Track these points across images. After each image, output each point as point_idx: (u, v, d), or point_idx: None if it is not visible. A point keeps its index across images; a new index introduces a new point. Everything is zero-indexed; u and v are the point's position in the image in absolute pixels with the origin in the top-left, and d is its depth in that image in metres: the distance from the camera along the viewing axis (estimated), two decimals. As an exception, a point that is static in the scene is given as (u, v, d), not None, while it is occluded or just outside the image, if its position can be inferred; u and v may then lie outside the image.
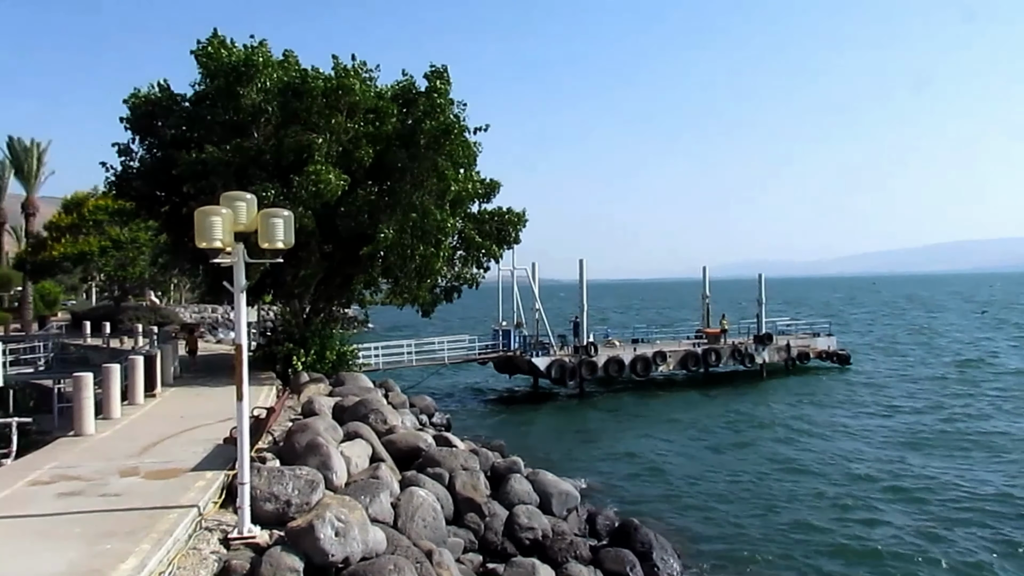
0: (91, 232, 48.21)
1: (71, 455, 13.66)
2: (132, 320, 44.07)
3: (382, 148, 25.30)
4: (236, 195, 9.85)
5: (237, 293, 9.91)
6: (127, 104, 26.42)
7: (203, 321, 63.19)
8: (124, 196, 30.11)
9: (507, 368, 40.91)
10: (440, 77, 25.92)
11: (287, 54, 25.94)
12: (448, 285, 30.49)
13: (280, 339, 27.56)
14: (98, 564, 8.04)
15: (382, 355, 36.65)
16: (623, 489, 21.94)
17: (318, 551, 9.60)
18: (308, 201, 22.69)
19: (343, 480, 12.89)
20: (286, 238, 9.81)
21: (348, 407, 18.26)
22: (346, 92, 24.31)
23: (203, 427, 16.24)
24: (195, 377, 26.05)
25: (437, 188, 25.81)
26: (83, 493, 11.02)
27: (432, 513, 12.91)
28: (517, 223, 30.31)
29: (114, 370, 17.80)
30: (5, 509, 10.22)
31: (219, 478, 11.65)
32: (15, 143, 63.35)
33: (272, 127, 24.42)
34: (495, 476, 16.87)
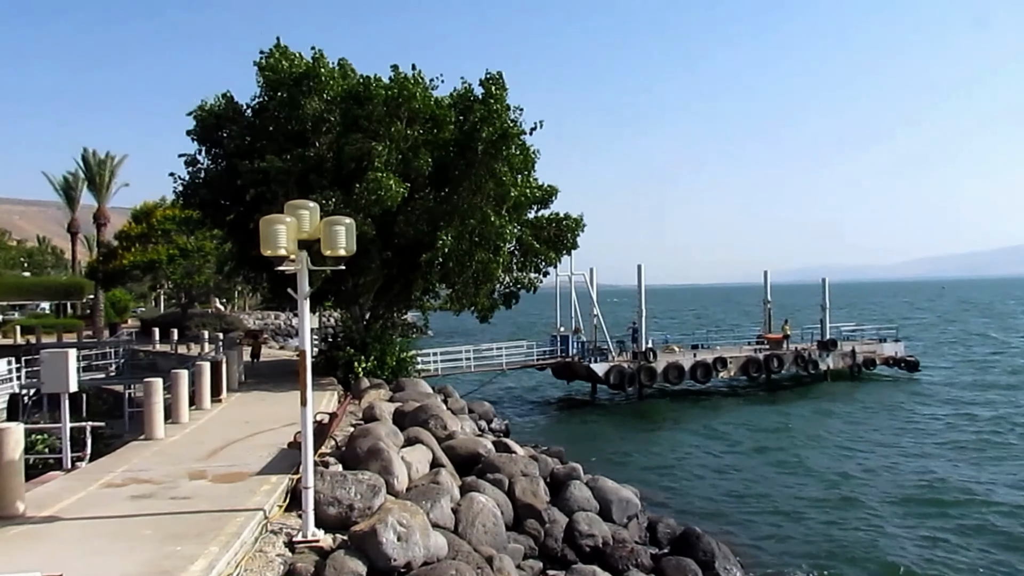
0: (159, 241, 49.61)
1: (142, 458, 14.04)
2: (198, 327, 45.15)
3: (441, 155, 25.52)
4: (300, 203, 10.03)
5: (301, 300, 10.06)
6: (193, 116, 27.16)
7: (266, 327, 64.46)
8: (190, 206, 30.97)
9: (565, 374, 40.79)
10: (496, 83, 26.05)
11: (343, 63, 26.34)
12: (506, 291, 30.53)
13: (341, 345, 27.95)
14: (168, 565, 8.23)
15: (441, 361, 36.83)
16: (684, 497, 21.64)
17: (381, 555, 9.69)
18: (368, 208, 22.98)
19: (404, 485, 12.99)
20: (348, 245, 9.94)
21: (408, 412, 18.40)
22: (407, 100, 24.60)
23: (267, 432, 16.53)
24: (259, 382, 26.55)
25: (495, 194, 25.91)
26: (154, 496, 11.31)
27: (492, 519, 12.92)
28: (575, 228, 30.22)
29: (182, 376, 18.27)
30: (81, 510, 10.55)
31: (283, 482, 11.83)
32: (89, 156, 65.62)
33: (333, 135, 24.82)
34: (554, 482, 16.80)
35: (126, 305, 68.48)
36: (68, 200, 71.82)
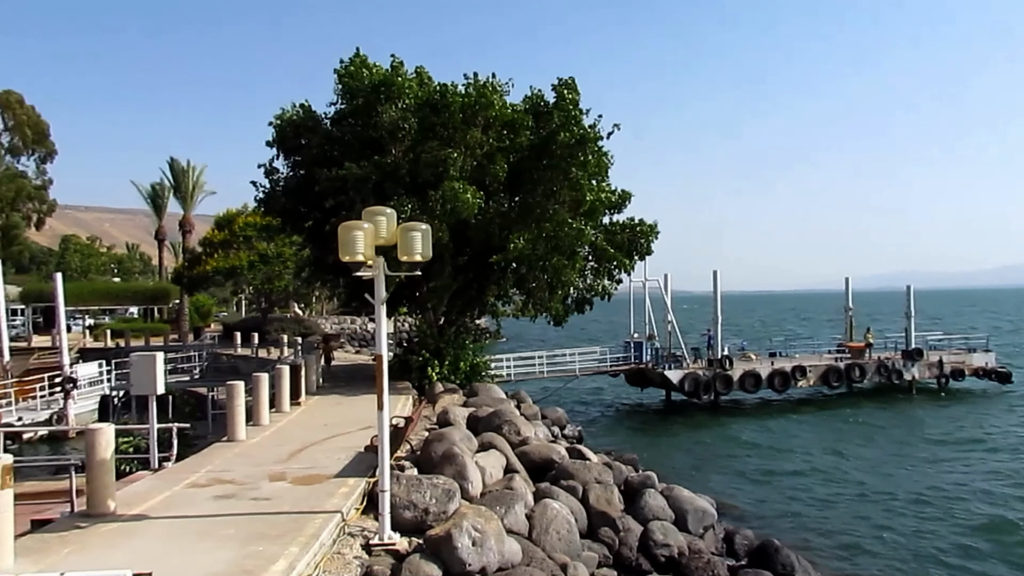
0: (241, 247, 51.00)
1: (225, 459, 14.42)
2: (278, 331, 46.25)
3: (516, 160, 25.60)
4: (377, 210, 10.16)
5: (378, 305, 10.18)
6: (273, 126, 27.86)
7: (342, 332, 65.64)
8: (270, 213, 31.78)
9: (639, 381, 40.41)
10: (568, 87, 26.02)
11: (420, 71, 26.65)
12: (579, 296, 30.40)
13: (415, 350, 28.25)
14: (250, 565, 8.40)
15: (514, 366, 36.91)
16: (761, 508, 21.15)
17: (456, 560, 9.72)
18: (443, 216, 23.19)
19: (478, 490, 13.02)
20: (424, 251, 10.02)
21: (482, 417, 18.46)
22: (484, 107, 24.78)
23: (344, 435, 16.78)
24: (335, 386, 27.02)
25: (571, 199, 25.86)
26: (236, 496, 11.59)
27: (566, 526, 12.84)
28: (649, 234, 29.92)
29: (263, 379, 18.71)
30: (168, 509, 10.88)
31: (360, 485, 11.98)
32: (175, 164, 68.03)
33: (409, 143, 25.14)
34: (629, 490, 16.61)
35: (209, 310, 70.59)
36: (155, 208, 74.57)
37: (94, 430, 10.90)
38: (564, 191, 25.84)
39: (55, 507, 11.81)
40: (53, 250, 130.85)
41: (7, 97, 64.32)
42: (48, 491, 13.35)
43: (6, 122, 64.30)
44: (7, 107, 64.12)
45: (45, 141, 67.24)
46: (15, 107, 64.34)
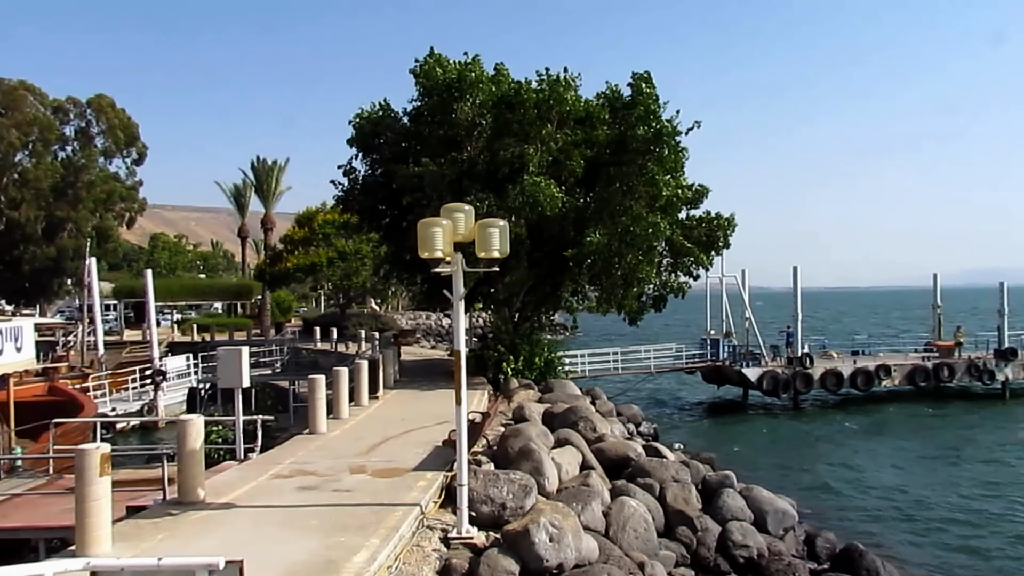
0: (320, 244, 52.06)
1: (307, 451, 14.78)
2: (355, 326, 47.08)
3: (592, 156, 25.51)
4: (455, 207, 10.26)
5: (456, 301, 10.29)
6: (352, 124, 28.37)
7: (418, 327, 66.47)
8: (349, 210, 32.39)
9: (715, 378, 39.86)
10: (645, 81, 25.79)
11: (499, 68, 26.75)
12: (655, 293, 30.11)
13: (491, 345, 28.41)
14: (333, 555, 8.61)
15: (588, 363, 36.83)
16: (843, 511, 20.59)
17: (533, 556, 9.76)
18: (521, 211, 23.25)
19: (555, 486, 13.04)
20: (502, 247, 10.08)
21: (558, 414, 18.47)
22: (558, 102, 24.77)
23: (421, 429, 17.00)
24: (412, 380, 27.38)
25: (647, 194, 25.64)
26: (318, 488, 11.87)
27: (643, 524, 12.75)
28: (726, 228, 29.41)
29: (343, 373, 19.11)
30: (254, 499, 11.22)
31: (438, 479, 12.14)
32: (258, 164, 69.92)
33: (485, 139, 25.30)
34: (706, 490, 16.40)
35: (290, 305, 72.34)
36: (238, 206, 76.86)
37: (185, 421, 11.31)
38: (640, 186, 25.61)
39: (148, 494, 12.29)
40: (143, 248, 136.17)
41: (100, 101, 67.00)
42: (142, 479, 13.89)
43: (99, 125, 67.02)
44: (100, 111, 66.79)
45: (136, 143, 69.79)
46: (107, 111, 66.98)
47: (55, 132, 66.35)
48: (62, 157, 68.13)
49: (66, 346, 42.52)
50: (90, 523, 8.73)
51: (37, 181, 65.06)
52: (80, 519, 8.75)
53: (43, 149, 65.97)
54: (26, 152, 65.49)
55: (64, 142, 67.76)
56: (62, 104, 67.06)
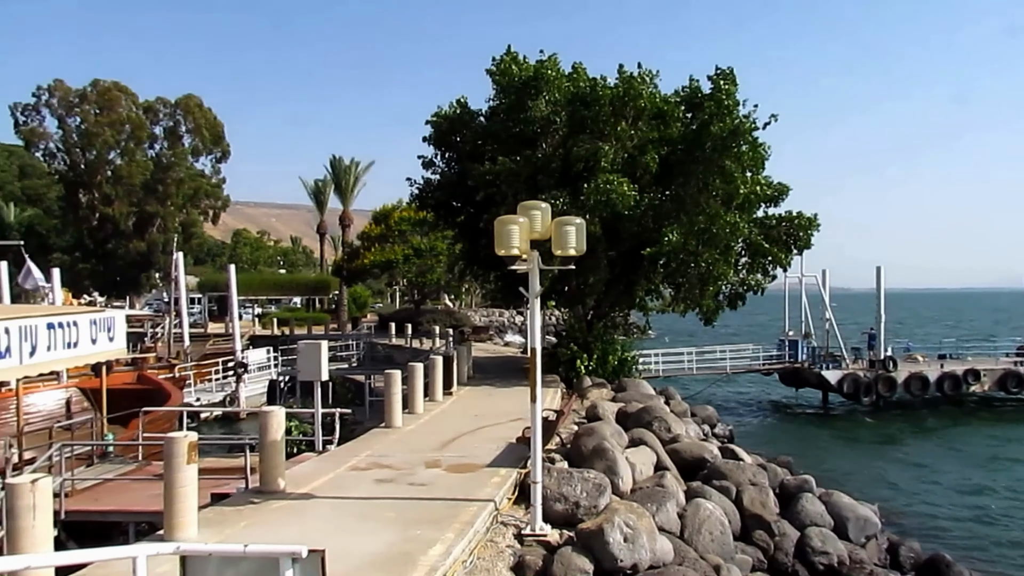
0: (396, 241, 52.81)
1: (383, 445, 15.01)
2: (430, 322, 47.61)
3: (667, 153, 25.22)
4: (532, 204, 10.26)
5: (532, 299, 10.29)
6: (430, 123, 28.70)
7: (491, 324, 66.78)
8: (425, 207, 32.76)
9: (793, 380, 38.97)
10: (726, 78, 25.37)
11: (575, 66, 26.69)
12: (732, 292, 29.61)
13: (564, 343, 28.38)
14: (409, 548, 8.72)
15: (662, 362, 36.47)
16: (928, 520, 19.85)
17: (607, 555, 9.71)
18: (596, 209, 23.15)
19: (628, 486, 12.94)
20: (578, 245, 10.04)
21: (631, 413, 18.34)
22: (633, 99, 24.58)
23: (495, 426, 17.07)
24: (485, 377, 27.53)
25: (724, 192, 25.22)
26: (394, 481, 12.04)
27: (719, 527, 12.56)
28: (807, 228, 28.69)
29: (418, 369, 19.33)
30: (333, 490, 11.45)
31: (512, 475, 12.18)
32: (336, 162, 71.32)
33: (560, 137, 25.26)
34: (784, 494, 16.04)
35: (366, 301, 73.53)
36: (317, 204, 78.47)
37: (267, 412, 11.62)
38: (717, 183, 25.21)
39: (231, 483, 12.65)
40: (226, 243, 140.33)
41: (188, 101, 69.33)
42: (225, 467, 14.30)
43: (187, 125, 69.35)
44: (188, 111, 69.12)
45: (221, 142, 72.04)
46: (195, 111, 69.26)
47: (146, 131, 68.99)
48: (152, 155, 70.73)
49: (154, 337, 44.17)
50: (178, 509, 9.04)
51: (129, 178, 67.75)
52: (168, 505, 9.07)
53: (134, 148, 68.65)
54: (119, 151, 68.18)
55: (154, 141, 70.35)
56: (152, 104, 69.64)
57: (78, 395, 19.67)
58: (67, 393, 19.99)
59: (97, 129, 65.43)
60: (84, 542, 11.71)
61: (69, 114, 66.29)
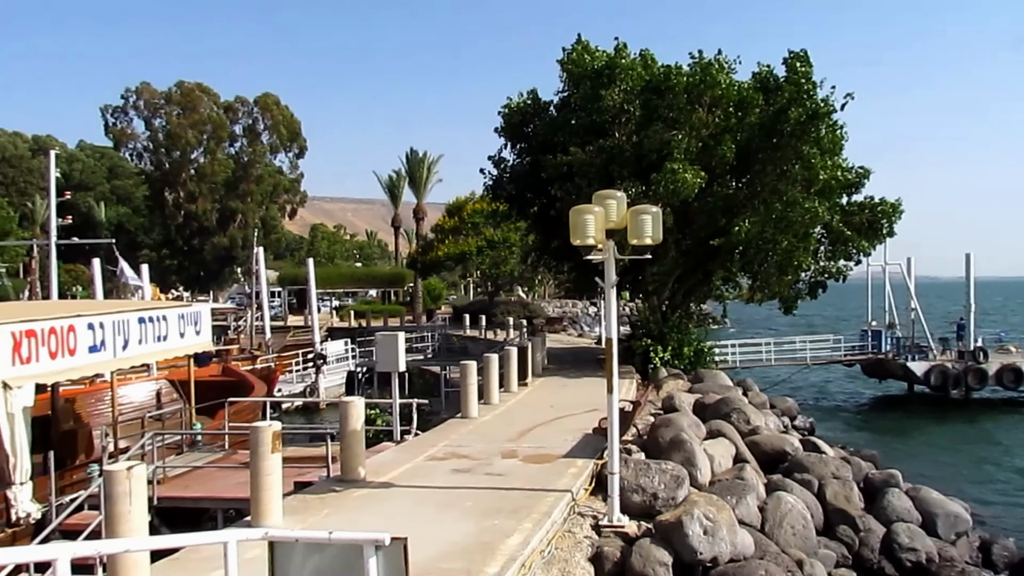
0: (469, 233, 53.13)
1: (459, 435, 15.16)
2: (503, 314, 47.81)
3: (744, 140, 24.72)
4: (607, 194, 10.20)
5: (608, 289, 10.24)
6: (501, 115, 28.78)
7: (564, 315, 66.69)
8: (498, 199, 32.91)
9: (877, 372, 37.82)
10: (801, 60, 24.75)
11: (644, 53, 26.38)
12: (812, 280, 28.92)
13: (638, 334, 28.15)
14: (488, 537, 8.79)
15: (739, 353, 35.87)
16: (1022, 518, 19.06)
17: (687, 548, 9.61)
18: (665, 197, 22.88)
19: (707, 478, 12.77)
20: (654, 234, 9.95)
21: (709, 404, 18.08)
22: (709, 86, 24.16)
23: (570, 416, 17.06)
24: (559, 368, 27.52)
25: (802, 178, 24.61)
26: (471, 471, 12.15)
27: (801, 521, 12.29)
28: (891, 214, 27.79)
29: (493, 360, 19.45)
30: (411, 479, 11.62)
31: (589, 466, 12.15)
32: (411, 155, 72.19)
33: (633, 126, 25.01)
34: (868, 488, 15.57)
35: (440, 293, 74.27)
36: (392, 197, 79.58)
37: (347, 403, 11.86)
38: (795, 170, 24.62)
39: (313, 471, 12.96)
40: (304, 238, 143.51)
41: (266, 100, 71.11)
42: (306, 456, 14.66)
43: (265, 122, 71.13)
44: (266, 109, 70.91)
45: (298, 139, 73.71)
46: (273, 108, 71.01)
47: (226, 130, 71.08)
48: (232, 153, 72.80)
49: (236, 330, 45.51)
50: (263, 496, 9.31)
51: (211, 176, 69.94)
52: (255, 492, 9.35)
53: (216, 146, 70.78)
54: (201, 150, 70.39)
55: (234, 139, 72.41)
56: (232, 104, 71.66)
57: (167, 387, 20.36)
58: (157, 385, 20.71)
59: (180, 130, 67.70)
60: (175, 527, 12.17)
61: (155, 115, 68.82)
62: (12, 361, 11.31)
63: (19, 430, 11.37)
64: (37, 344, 11.84)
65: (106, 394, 17.66)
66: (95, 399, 18.29)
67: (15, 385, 11.27)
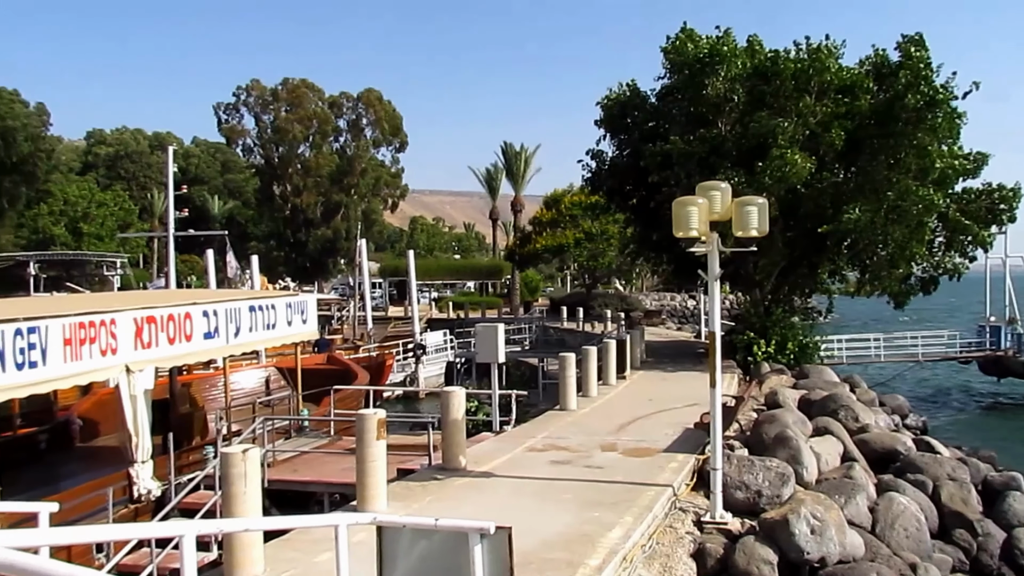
0: (567, 226, 53.07)
1: (558, 427, 15.18)
2: (601, 306, 47.55)
3: (853, 127, 23.80)
4: (711, 185, 10.01)
5: (711, 281, 10.07)
6: (600, 106, 28.57)
7: (663, 308, 65.86)
8: (596, 191, 32.71)
9: (995, 370, 35.93)
10: (916, 44, 23.65)
11: (751, 39, 25.71)
12: (925, 275, 27.68)
13: (740, 328, 27.55)
14: (588, 530, 8.78)
15: (846, 348, 34.70)
16: None
17: (793, 547, 9.37)
18: (772, 187, 22.24)
19: (813, 477, 12.39)
20: (760, 226, 9.72)
21: (815, 401, 17.54)
22: (818, 72, 23.37)
23: (671, 410, 16.86)
24: (657, 361, 27.23)
25: (917, 166, 23.54)
26: (571, 463, 12.16)
27: (915, 523, 11.79)
28: (1011, 200, 26.31)
29: (592, 352, 19.39)
30: (511, 469, 11.72)
31: (690, 461, 11.98)
32: (508, 148, 72.61)
33: (736, 114, 24.42)
34: (987, 491, 14.80)
35: (537, 285, 74.51)
36: (490, 190, 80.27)
37: (448, 392, 12.04)
38: (910, 158, 23.57)
39: (415, 459, 13.21)
40: (404, 230, 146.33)
41: (369, 95, 72.66)
42: (409, 444, 14.94)
43: (368, 117, 72.73)
44: (369, 104, 72.48)
45: (400, 133, 75.08)
46: (375, 104, 72.52)
47: (331, 125, 73.02)
48: (336, 148, 74.78)
49: (340, 320, 46.77)
50: (369, 482, 9.55)
51: (317, 170, 71.95)
52: (360, 477, 9.60)
53: (321, 141, 72.82)
54: (307, 144, 72.58)
55: (338, 134, 74.34)
56: (336, 99, 73.54)
57: (275, 374, 21.12)
58: (266, 372, 21.53)
59: (288, 125, 69.91)
60: (283, 509, 12.62)
61: (264, 111, 71.25)
62: (134, 346, 11.97)
63: (141, 411, 12.02)
64: (156, 330, 12.49)
65: (219, 380, 18.48)
66: (209, 384, 19.16)
67: (136, 369, 11.92)
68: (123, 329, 11.69)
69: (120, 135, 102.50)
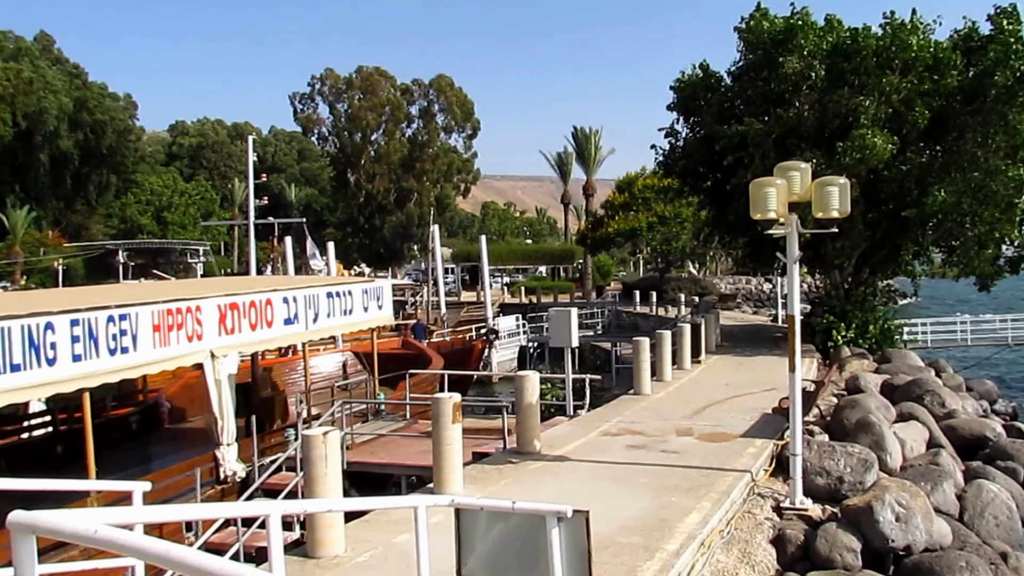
0: (640, 209, 52.56)
1: (633, 412, 15.10)
2: (674, 290, 47.08)
3: (939, 105, 22.89)
4: (790, 165, 9.78)
5: (790, 264, 9.85)
6: (673, 89, 28.16)
7: (738, 292, 64.80)
8: (670, 174, 32.28)
9: (1094, 354, 34.34)
10: (1009, 16, 22.58)
11: (829, 17, 24.94)
12: (1016, 255, 26.56)
13: (819, 311, 26.91)
14: (665, 515, 8.74)
15: (931, 331, 33.57)
16: None
17: (877, 534, 9.15)
18: (852, 168, 21.58)
19: (897, 463, 12.09)
20: (841, 207, 9.46)
21: (899, 386, 17.07)
22: (901, 48, 22.51)
23: (747, 395, 16.60)
24: (733, 345, 26.81)
25: (1007, 144, 22.54)
26: (646, 447, 12.09)
27: (1006, 512, 11.38)
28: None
29: (666, 336, 19.22)
30: (586, 454, 11.73)
31: (768, 447, 11.79)
32: (579, 132, 72.28)
33: (815, 93, 23.74)
34: (1082, 481, 14.23)
35: (609, 269, 74.08)
36: (561, 174, 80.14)
37: (522, 376, 12.10)
38: (999, 137, 22.57)
39: (490, 443, 13.34)
40: (475, 215, 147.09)
41: (440, 82, 73.20)
42: (483, 428, 15.10)
43: (440, 104, 73.27)
44: (440, 91, 73.02)
45: (471, 119, 75.46)
46: (447, 90, 73.03)
47: (403, 112, 73.83)
48: (408, 134, 75.58)
49: (414, 305, 47.36)
50: (445, 465, 9.68)
51: (389, 156, 72.88)
52: (437, 460, 9.74)
53: (393, 128, 73.69)
54: (380, 131, 73.54)
55: (410, 121, 75.12)
56: (408, 87, 74.30)
57: (352, 359, 21.54)
58: (343, 356, 21.97)
59: (361, 113, 70.94)
60: (362, 490, 12.91)
61: (338, 100, 72.44)
62: (218, 332, 12.36)
63: (225, 395, 12.41)
64: (239, 316, 12.86)
65: (299, 364, 18.94)
66: (289, 368, 19.66)
67: (221, 354, 12.30)
68: (208, 315, 12.08)
69: (202, 126, 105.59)
